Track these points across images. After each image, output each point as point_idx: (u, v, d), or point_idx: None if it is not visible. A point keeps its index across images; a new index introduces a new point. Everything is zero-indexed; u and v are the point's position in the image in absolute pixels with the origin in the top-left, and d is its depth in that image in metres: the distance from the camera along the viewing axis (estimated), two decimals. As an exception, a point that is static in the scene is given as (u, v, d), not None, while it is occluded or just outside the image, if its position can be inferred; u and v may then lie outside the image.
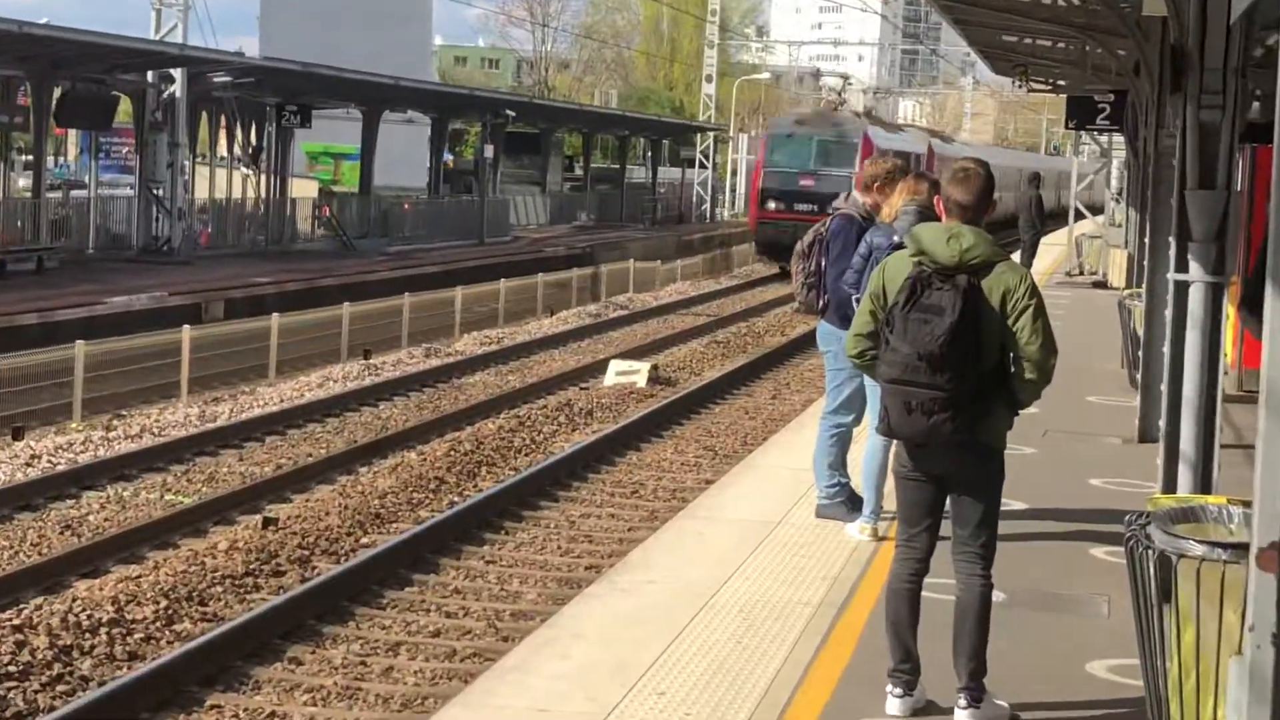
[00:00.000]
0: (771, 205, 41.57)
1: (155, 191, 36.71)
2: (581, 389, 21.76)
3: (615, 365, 22.54)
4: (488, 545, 12.97)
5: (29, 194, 37.35)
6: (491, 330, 28.50)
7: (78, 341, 19.25)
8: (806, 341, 25.73)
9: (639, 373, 22.14)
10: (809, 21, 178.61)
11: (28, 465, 15.75)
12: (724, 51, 75.59)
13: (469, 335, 27.55)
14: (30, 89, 35.19)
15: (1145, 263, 14.49)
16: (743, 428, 18.99)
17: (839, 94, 49.68)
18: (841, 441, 10.00)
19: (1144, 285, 14.13)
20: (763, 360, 25.12)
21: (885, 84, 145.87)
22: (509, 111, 50.90)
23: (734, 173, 74.09)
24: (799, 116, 45.44)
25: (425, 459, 15.96)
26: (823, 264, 10.08)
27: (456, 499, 14.53)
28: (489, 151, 51.01)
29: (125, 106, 39.13)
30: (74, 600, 10.74)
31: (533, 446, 17.35)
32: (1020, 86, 30.09)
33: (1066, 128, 30.90)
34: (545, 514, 14.17)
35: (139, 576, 11.35)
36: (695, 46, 78.85)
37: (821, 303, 10.09)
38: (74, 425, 18.27)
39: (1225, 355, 10.48)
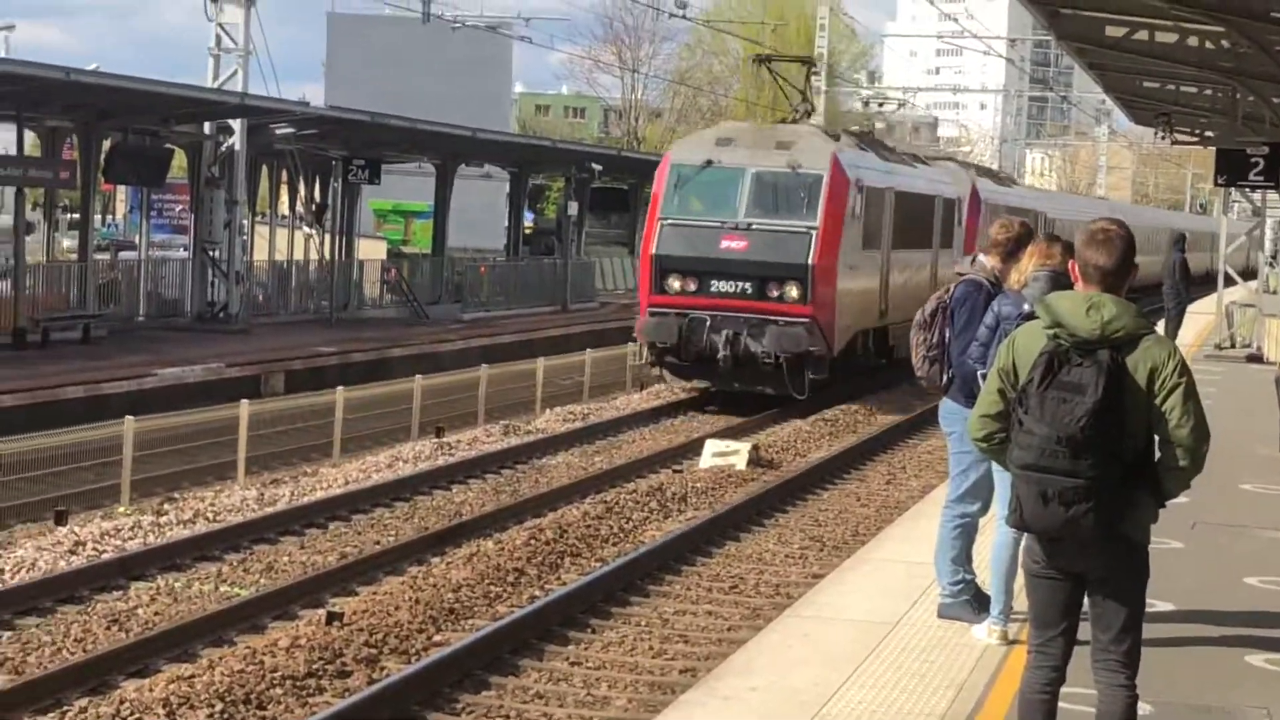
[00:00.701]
0: (673, 284, 27.89)
1: (211, 253, 37.22)
2: (675, 472, 21.77)
3: (712, 445, 22.53)
4: (572, 645, 12.98)
5: (74, 256, 37.98)
6: (576, 406, 28.57)
7: (126, 418, 19.49)
8: (925, 420, 25.63)
9: (738, 454, 22.12)
10: (925, 66, 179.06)
11: (71, 553, 15.92)
12: (832, 100, 75.77)
13: (551, 411, 27.63)
14: (77, 141, 35.88)
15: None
16: (854, 516, 18.93)
17: (803, 94, 33.57)
18: (966, 533, 9.94)
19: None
20: (875, 440, 25.03)
21: (1010, 133, 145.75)
22: (595, 165, 51.24)
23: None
24: (723, 133, 30.25)
25: (503, 548, 16.01)
26: (946, 335, 10.05)
27: (538, 593, 14.56)
28: (573, 209, 51.35)
29: (179, 160, 39.73)
30: (121, 702, 10.84)
31: (621, 535, 17.37)
32: (1162, 138, 29.98)
33: (1216, 184, 30.68)
34: (635, 611, 14.17)
35: (192, 676, 11.42)
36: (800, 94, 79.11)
37: (944, 378, 10.06)
38: (122, 509, 18.49)
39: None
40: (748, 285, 27.53)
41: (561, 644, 12.95)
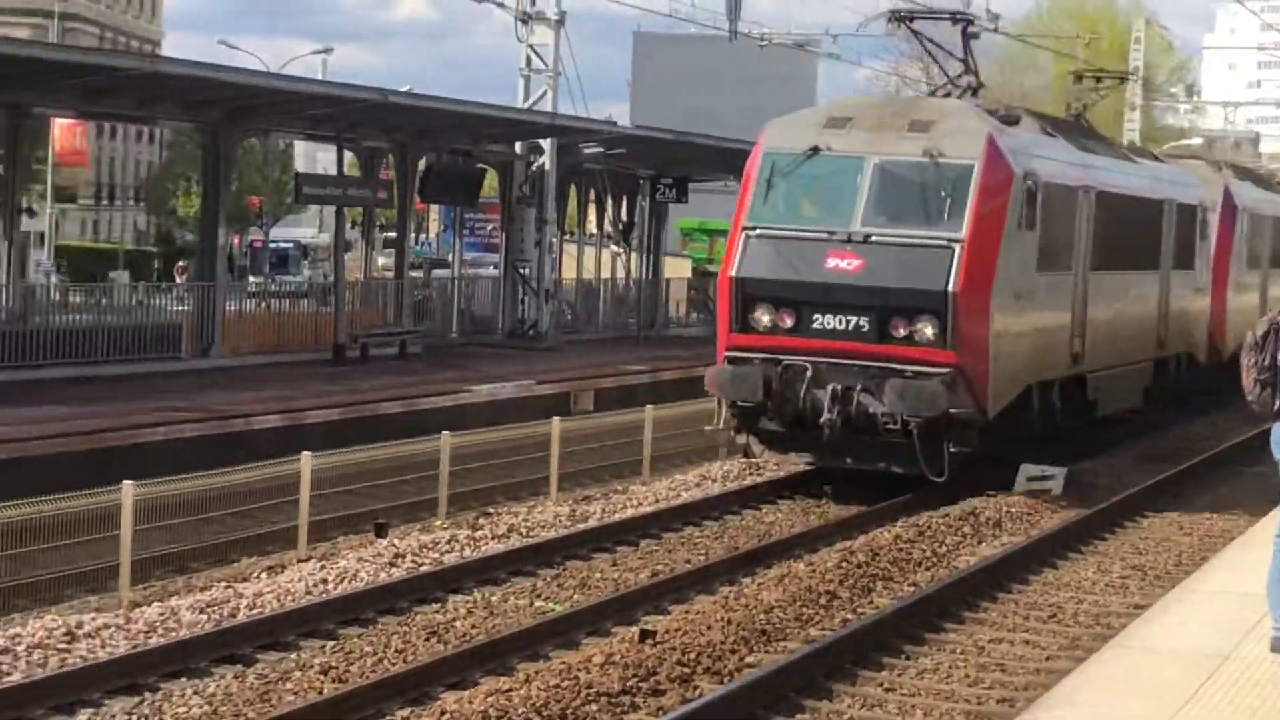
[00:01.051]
0: (762, 318, 20.80)
1: (522, 271, 37.93)
2: (988, 496, 21.47)
3: (1026, 469, 22.20)
4: (886, 670, 12.93)
5: (390, 274, 39.09)
6: (884, 427, 28.36)
7: (444, 433, 19.97)
8: (1250, 447, 24.90)
9: (1054, 479, 21.77)
10: (1245, 79, 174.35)
11: (391, 565, 16.40)
12: (1148, 114, 74.26)
13: (860, 432, 27.48)
14: (393, 162, 36.94)
15: None
16: (1176, 545, 18.51)
17: (965, 62, 26.10)
18: (1300, 565, 9.67)
19: None
20: (1197, 467, 24.40)
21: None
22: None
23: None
24: (838, 110, 22.47)
25: (814, 570, 16.01)
26: (1279, 358, 9.81)
27: (850, 616, 14.54)
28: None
29: (490, 180, 40.65)
30: (442, 713, 11.14)
31: (934, 560, 17.24)
32: None
33: None
34: (950, 637, 14.06)
35: (509, 690, 11.64)
36: (1114, 108, 77.70)
37: (1277, 404, 9.82)
38: (439, 522, 18.95)
39: None
40: (864, 321, 20.21)
41: (875, 669, 12.90)
